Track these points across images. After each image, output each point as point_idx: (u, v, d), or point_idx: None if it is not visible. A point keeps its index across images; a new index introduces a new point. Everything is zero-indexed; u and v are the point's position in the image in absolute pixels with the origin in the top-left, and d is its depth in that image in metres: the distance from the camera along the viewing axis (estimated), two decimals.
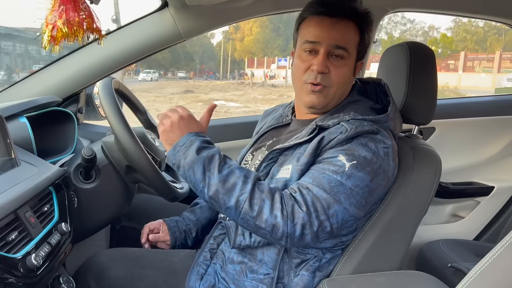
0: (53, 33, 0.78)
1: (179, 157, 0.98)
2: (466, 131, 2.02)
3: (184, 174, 0.98)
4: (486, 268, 0.71)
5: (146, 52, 1.52)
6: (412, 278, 1.09)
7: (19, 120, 1.21)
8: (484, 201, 1.96)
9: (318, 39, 1.06)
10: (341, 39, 1.05)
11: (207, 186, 0.95)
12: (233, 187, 0.94)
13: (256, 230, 0.95)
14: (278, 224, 0.92)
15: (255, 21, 33.73)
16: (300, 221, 0.92)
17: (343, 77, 1.08)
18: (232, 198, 0.93)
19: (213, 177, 0.95)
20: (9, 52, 23.07)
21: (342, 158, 0.96)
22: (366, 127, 1.00)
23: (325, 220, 0.94)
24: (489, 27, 30.35)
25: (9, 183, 0.91)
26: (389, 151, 1.01)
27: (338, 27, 1.05)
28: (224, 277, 1.10)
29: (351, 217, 0.97)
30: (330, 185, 0.95)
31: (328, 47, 1.05)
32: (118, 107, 1.17)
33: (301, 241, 0.94)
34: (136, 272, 1.13)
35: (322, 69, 1.05)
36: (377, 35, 1.98)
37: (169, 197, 1.25)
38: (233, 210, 0.94)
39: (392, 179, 1.05)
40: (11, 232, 0.83)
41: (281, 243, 0.95)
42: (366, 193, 0.97)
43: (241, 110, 14.24)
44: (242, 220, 0.95)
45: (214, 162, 0.96)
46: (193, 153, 0.97)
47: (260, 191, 0.94)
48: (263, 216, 0.92)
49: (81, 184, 1.22)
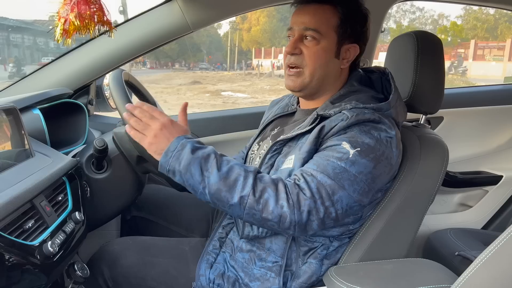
0: (65, 27, 0.80)
1: (173, 162, 0.95)
2: (474, 120, 2.01)
3: (181, 179, 0.95)
4: (492, 255, 0.72)
5: (154, 44, 1.53)
6: (419, 265, 1.10)
7: (32, 112, 1.23)
8: (492, 190, 1.96)
9: (292, 25, 1.13)
10: (311, 22, 1.09)
11: (207, 186, 0.93)
12: (235, 183, 0.92)
13: (263, 223, 0.94)
14: (285, 214, 0.92)
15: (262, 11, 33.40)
16: (306, 208, 0.93)
17: (316, 58, 1.10)
18: (235, 195, 0.92)
19: (212, 176, 0.92)
20: (18, 45, 23.19)
21: (346, 145, 0.97)
22: (367, 115, 1.01)
23: (330, 206, 0.95)
24: (500, 15, 29.81)
25: (25, 174, 0.94)
26: (392, 139, 1.02)
27: (307, 10, 1.11)
28: (233, 265, 1.12)
29: (355, 203, 0.98)
30: (335, 171, 0.95)
31: (300, 30, 1.11)
32: (128, 98, 1.18)
33: (308, 227, 0.95)
34: (148, 260, 1.15)
35: (291, 50, 1.11)
36: (386, 24, 1.97)
37: (179, 187, 1.27)
38: (237, 207, 0.92)
39: (396, 166, 1.06)
40: (27, 220, 0.86)
41: (289, 232, 0.96)
42: (369, 180, 0.98)
43: (248, 101, 14.21)
44: (248, 215, 0.93)
45: (211, 161, 0.94)
46: (187, 155, 0.94)
47: (262, 184, 0.94)
48: (269, 208, 0.91)
49: (93, 174, 1.24)
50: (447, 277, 1.01)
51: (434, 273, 1.04)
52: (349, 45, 1.12)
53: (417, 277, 1.02)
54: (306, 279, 1.07)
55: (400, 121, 1.12)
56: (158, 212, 1.47)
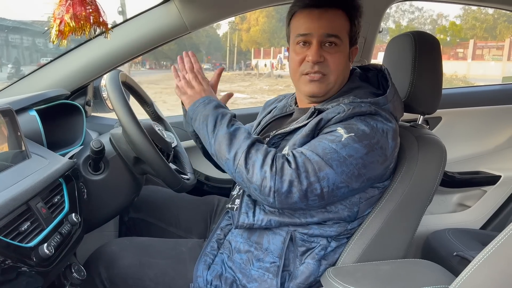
0: (60, 28, 0.79)
1: (197, 111, 1.09)
2: (473, 120, 2.01)
3: (199, 126, 1.07)
4: (490, 256, 0.72)
5: (152, 45, 1.52)
6: (417, 266, 1.10)
7: (28, 113, 1.23)
8: (490, 190, 1.96)
9: (309, 31, 1.09)
10: (331, 27, 1.08)
11: (215, 137, 1.03)
12: (236, 140, 1.01)
13: (248, 185, 0.98)
14: (266, 179, 0.95)
15: (261, 11, 33.41)
16: (288, 177, 0.94)
17: (339, 63, 1.10)
18: (232, 150, 1.00)
19: (222, 129, 1.03)
20: (16, 45, 23.16)
21: (341, 130, 0.99)
22: (364, 108, 1.02)
23: (315, 182, 0.95)
24: (498, 15, 29.82)
25: (21, 175, 0.93)
26: (389, 130, 1.02)
27: (327, 16, 1.08)
28: (231, 266, 1.12)
29: (342, 183, 0.98)
30: (324, 151, 0.97)
31: (320, 37, 1.08)
32: (125, 100, 1.18)
33: (289, 198, 0.96)
34: (145, 261, 1.15)
35: (317, 58, 1.08)
36: (385, 24, 1.97)
37: (176, 188, 1.27)
38: (231, 162, 1.00)
39: (391, 159, 1.05)
40: (23, 222, 0.85)
41: (269, 200, 0.96)
42: (359, 165, 0.98)
43: (247, 101, 14.20)
44: (238, 174, 0.99)
45: (226, 118, 1.05)
46: (210, 108, 1.07)
47: (256, 148, 1.00)
48: (255, 170, 0.96)
49: (90, 175, 1.24)
50: (445, 277, 1.01)
51: (431, 274, 1.04)
52: (354, 47, 1.16)
53: (415, 277, 1.02)
54: (304, 279, 1.07)
55: (398, 116, 1.12)
56: (156, 214, 1.47)
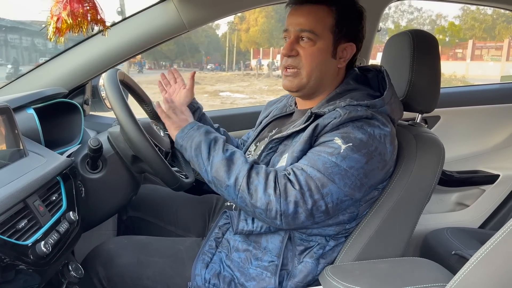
0: (58, 25, 0.79)
1: (187, 138, 1.08)
2: (471, 119, 2.01)
3: (191, 154, 1.07)
4: (487, 254, 0.72)
5: (150, 43, 1.52)
6: (415, 264, 1.10)
7: (26, 111, 1.22)
8: (489, 190, 1.96)
9: (287, 27, 1.13)
10: (306, 23, 1.09)
11: (211, 165, 1.02)
12: (234, 166, 1.00)
13: (253, 209, 0.98)
14: (271, 203, 0.94)
15: (260, 11, 33.47)
16: (293, 198, 0.94)
17: (313, 57, 1.10)
18: (232, 176, 0.99)
19: (217, 156, 1.02)
20: (15, 45, 23.14)
21: (338, 140, 0.98)
22: (360, 112, 1.01)
23: (320, 199, 0.95)
24: (497, 15, 29.88)
25: (18, 173, 0.93)
26: (386, 134, 1.01)
27: (302, 11, 1.11)
28: (229, 264, 1.12)
29: (346, 197, 0.98)
30: (325, 166, 0.96)
31: (295, 32, 1.11)
32: (124, 98, 1.18)
33: (296, 219, 0.96)
34: (144, 259, 1.15)
35: (287, 51, 1.11)
36: (384, 24, 1.97)
37: (174, 187, 1.26)
38: (232, 188, 0.99)
39: (390, 162, 1.06)
40: (20, 220, 0.85)
41: (277, 222, 0.97)
42: (361, 175, 0.98)
43: (246, 101, 14.20)
44: (240, 199, 0.99)
45: (219, 144, 1.05)
46: (201, 135, 1.07)
47: (256, 172, 0.99)
48: (258, 194, 0.95)
49: (88, 174, 1.23)
50: (442, 276, 1.01)
51: (429, 272, 1.04)
52: (346, 44, 1.13)
53: (412, 276, 1.02)
54: (302, 278, 1.07)
55: (396, 118, 1.12)
56: (154, 212, 1.46)
